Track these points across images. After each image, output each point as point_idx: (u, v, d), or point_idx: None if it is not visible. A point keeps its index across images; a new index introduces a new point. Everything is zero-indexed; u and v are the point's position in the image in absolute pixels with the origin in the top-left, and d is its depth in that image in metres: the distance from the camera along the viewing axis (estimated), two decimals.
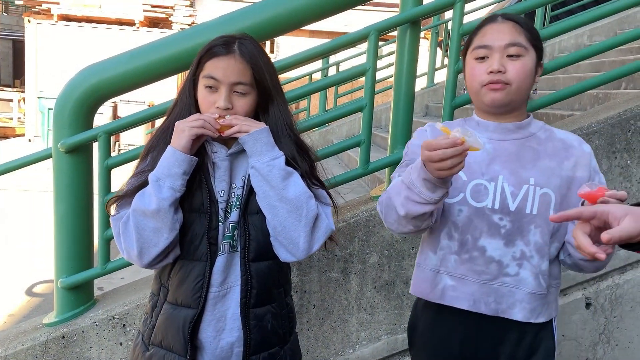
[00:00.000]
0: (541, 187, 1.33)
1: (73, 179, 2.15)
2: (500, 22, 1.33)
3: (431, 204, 1.24)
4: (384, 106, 5.75)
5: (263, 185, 1.33)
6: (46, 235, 5.58)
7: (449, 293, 1.40)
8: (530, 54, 1.31)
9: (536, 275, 1.35)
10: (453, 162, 1.13)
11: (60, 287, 2.20)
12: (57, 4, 12.12)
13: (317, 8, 2.08)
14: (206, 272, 1.35)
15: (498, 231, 1.34)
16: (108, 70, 2.15)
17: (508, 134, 1.37)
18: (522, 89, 1.31)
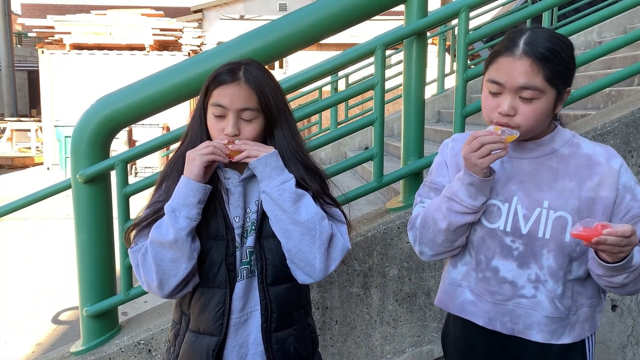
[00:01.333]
0: (555, 211, 1.28)
1: (93, 208, 2.19)
2: (518, 58, 1.21)
3: (472, 213, 1.29)
4: (396, 115, 5.75)
5: (275, 209, 1.34)
6: (69, 262, 5.66)
7: (468, 307, 1.40)
8: (547, 95, 1.22)
9: (552, 299, 1.31)
10: (491, 147, 1.20)
11: (85, 316, 2.23)
12: (68, 33, 12.36)
13: (323, 27, 2.10)
14: (226, 299, 1.37)
15: (511, 253, 1.32)
16: (121, 100, 2.19)
17: (526, 152, 1.33)
18: (533, 130, 1.26)
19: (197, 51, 13.80)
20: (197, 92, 2.18)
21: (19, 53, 28.30)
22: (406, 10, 2.17)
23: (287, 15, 2.15)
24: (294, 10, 2.16)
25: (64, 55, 12.51)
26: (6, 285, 5.00)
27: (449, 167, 1.44)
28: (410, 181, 2.23)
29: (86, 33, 12.40)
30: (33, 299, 4.68)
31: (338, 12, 2.09)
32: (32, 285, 5.06)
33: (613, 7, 2.28)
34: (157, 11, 13.54)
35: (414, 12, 2.14)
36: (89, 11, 13.39)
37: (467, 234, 1.35)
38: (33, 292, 4.85)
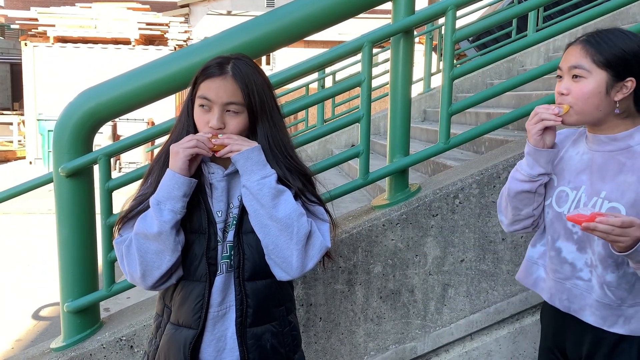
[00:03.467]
0: (610, 201, 1.35)
1: (75, 203, 2.16)
2: (576, 44, 1.37)
3: (529, 182, 1.44)
4: (382, 113, 5.77)
5: (254, 203, 1.35)
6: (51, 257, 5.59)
7: (540, 284, 1.55)
8: (594, 75, 1.33)
9: (601, 284, 1.38)
10: (542, 116, 1.37)
11: (66, 311, 2.20)
12: (52, 26, 12.17)
13: (310, 23, 2.10)
14: (205, 292, 1.38)
15: (572, 236, 1.43)
16: (105, 94, 2.16)
17: (602, 145, 1.41)
18: (586, 110, 1.35)
19: (184, 46, 13.69)
20: (181, 87, 2.18)
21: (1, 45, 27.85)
22: (393, 8, 2.17)
23: (274, 11, 2.14)
24: (281, 6, 2.15)
25: (47, 48, 12.33)
26: None
27: None
28: (395, 179, 2.23)
29: (71, 26, 12.23)
30: (13, 295, 4.62)
31: (325, 8, 2.09)
32: (13, 280, 4.98)
33: (597, 9, 2.30)
34: (144, 5, 13.39)
35: (401, 9, 2.14)
36: (74, 4, 13.21)
37: (533, 206, 1.48)
38: (13, 288, 4.78)
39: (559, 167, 1.49)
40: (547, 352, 1.57)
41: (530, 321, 2.29)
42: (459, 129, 4.08)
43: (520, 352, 2.29)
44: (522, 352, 2.30)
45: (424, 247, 2.20)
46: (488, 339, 2.29)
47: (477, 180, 2.18)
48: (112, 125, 11.26)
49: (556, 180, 1.48)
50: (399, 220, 2.17)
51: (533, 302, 2.25)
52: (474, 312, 2.25)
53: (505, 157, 2.23)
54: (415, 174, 3.71)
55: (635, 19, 5.28)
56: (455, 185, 2.18)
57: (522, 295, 2.25)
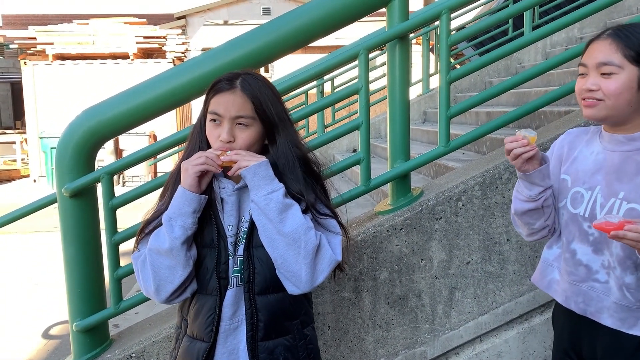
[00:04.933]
0: (629, 202, 1.33)
1: (79, 222, 2.16)
2: (602, 39, 1.34)
3: (530, 201, 1.45)
4: (383, 116, 5.77)
5: (262, 218, 1.36)
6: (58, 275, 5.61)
7: (553, 286, 1.54)
8: (626, 71, 1.30)
9: (620, 286, 1.37)
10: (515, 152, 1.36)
11: (76, 331, 2.21)
12: (51, 44, 12.23)
13: (308, 32, 2.11)
14: (216, 306, 1.40)
15: (587, 238, 1.41)
16: (105, 112, 2.17)
17: (618, 145, 1.39)
18: (618, 105, 1.32)
19: (182, 58, 13.73)
20: (182, 101, 2.20)
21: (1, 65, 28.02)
22: (388, 14, 2.18)
23: (272, 22, 2.15)
24: (279, 16, 2.16)
25: (47, 66, 12.38)
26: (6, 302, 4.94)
27: (553, 157, 1.54)
28: (397, 184, 2.24)
29: (69, 43, 12.28)
30: (23, 314, 4.63)
31: (322, 16, 2.10)
32: (22, 299, 5.00)
33: (593, 5, 2.30)
34: (140, 19, 13.45)
35: (395, 15, 2.15)
36: (71, 21, 13.28)
37: (544, 218, 1.48)
38: (22, 307, 4.79)
39: (573, 168, 1.47)
40: (561, 354, 1.55)
41: (539, 320, 2.28)
42: (459, 129, 4.08)
43: (531, 352, 2.29)
44: (532, 351, 2.29)
45: (429, 251, 2.20)
46: (497, 340, 2.28)
47: (479, 181, 2.18)
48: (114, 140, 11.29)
49: (570, 181, 1.47)
50: (403, 225, 2.17)
51: (541, 301, 2.25)
52: (482, 314, 2.25)
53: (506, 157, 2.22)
54: (417, 176, 3.71)
55: (631, 11, 5.27)
56: (458, 187, 2.18)
57: (529, 295, 2.24)
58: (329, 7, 2.10)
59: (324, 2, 2.10)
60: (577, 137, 1.52)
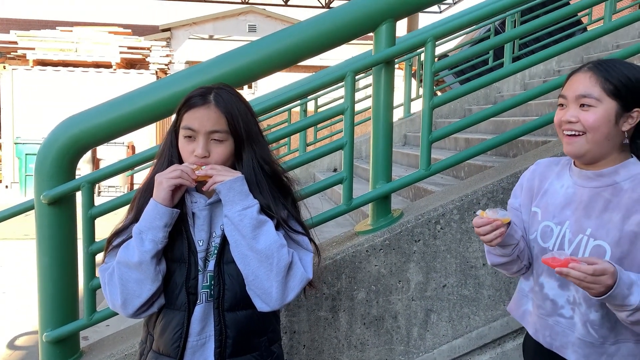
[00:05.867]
0: (595, 239, 1.33)
1: (56, 230, 2.14)
2: (583, 72, 1.35)
3: (504, 256, 1.46)
4: (364, 137, 5.83)
5: (235, 234, 1.36)
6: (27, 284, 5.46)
7: (527, 317, 1.53)
8: (604, 104, 1.31)
9: (584, 322, 1.37)
10: (490, 236, 1.35)
11: (45, 341, 2.16)
12: (32, 49, 12.11)
13: (294, 53, 2.15)
14: (184, 321, 1.39)
15: (554, 273, 1.37)
16: (88, 121, 2.17)
17: (588, 181, 1.39)
18: (597, 139, 1.32)
19: (165, 70, 13.71)
20: (164, 115, 2.20)
21: None
22: (375, 39, 2.23)
23: (262, 39, 2.18)
24: (269, 35, 2.20)
25: (26, 71, 12.24)
26: None
27: (523, 189, 1.55)
28: (378, 204, 2.26)
29: (51, 49, 12.17)
30: None
31: (312, 38, 2.14)
32: None
33: (571, 40, 2.39)
34: (125, 29, 13.41)
35: (382, 40, 2.20)
36: (55, 27, 13.18)
37: (520, 261, 1.48)
38: None
39: (544, 201, 1.47)
40: None
41: (511, 346, 2.31)
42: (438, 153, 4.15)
43: None
44: None
45: (406, 273, 2.22)
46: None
47: (457, 206, 2.22)
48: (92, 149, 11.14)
49: (540, 214, 1.46)
50: (382, 246, 2.19)
51: (514, 326, 2.28)
52: (456, 337, 2.27)
53: (484, 183, 2.27)
54: (396, 198, 3.75)
55: (607, 47, 5.47)
56: (437, 210, 2.22)
57: (503, 320, 2.28)
58: (319, 29, 2.14)
59: (314, 24, 2.14)
60: (547, 168, 1.51)
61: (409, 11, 2.23)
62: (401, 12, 2.21)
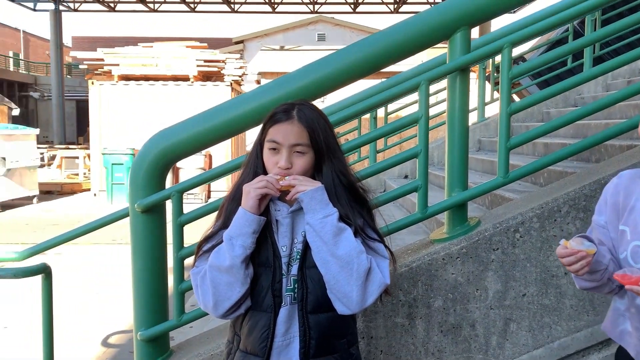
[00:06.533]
0: None
1: (149, 236, 2.30)
2: None
3: (594, 281, 1.41)
4: (435, 143, 5.78)
5: (316, 240, 1.43)
6: (115, 285, 5.84)
7: (626, 337, 1.47)
8: None
9: None
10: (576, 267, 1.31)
11: (139, 339, 2.33)
12: (117, 65, 12.93)
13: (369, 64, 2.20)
14: (271, 322, 1.47)
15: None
16: (176, 135, 2.32)
17: None
18: None
19: (239, 81, 14.18)
20: (246, 127, 2.32)
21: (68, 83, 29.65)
22: (449, 46, 2.24)
23: (340, 51, 2.25)
24: (346, 47, 2.26)
25: (112, 85, 13.07)
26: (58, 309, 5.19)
27: (607, 205, 1.48)
28: (454, 213, 2.26)
29: (133, 65, 12.94)
30: (83, 322, 4.85)
31: (385, 49, 2.18)
32: (82, 308, 5.23)
33: None
34: (201, 43, 14.02)
35: (457, 48, 2.21)
36: (137, 43, 13.99)
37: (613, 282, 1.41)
38: (83, 315, 5.02)
39: (632, 219, 1.39)
40: None
41: (596, 358, 2.23)
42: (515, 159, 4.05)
43: None
44: None
45: (484, 281, 2.21)
46: None
47: (537, 214, 2.18)
48: None
49: (629, 233, 1.38)
50: (459, 254, 2.19)
51: (599, 338, 2.20)
52: (537, 347, 2.23)
53: (566, 190, 2.22)
54: (472, 205, 3.70)
55: None
56: (516, 219, 2.19)
57: (587, 331, 2.21)
58: (395, 38, 2.18)
59: (389, 34, 2.18)
60: (631, 182, 1.42)
61: (484, 18, 2.22)
62: (476, 20, 2.20)
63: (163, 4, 24.51)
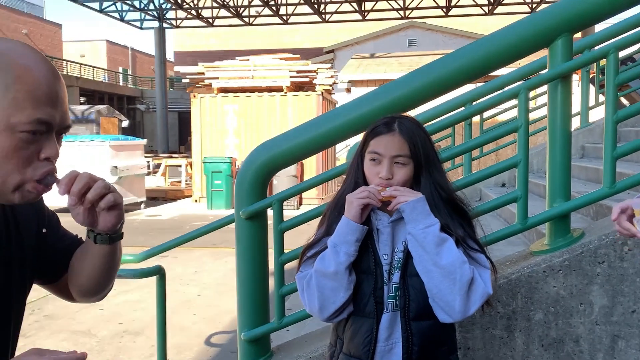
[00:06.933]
0: None
1: (252, 242, 2.45)
2: None
3: None
4: (533, 151, 5.56)
5: (419, 250, 1.47)
6: (217, 287, 6.18)
7: None
8: None
9: None
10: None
11: (243, 340, 2.47)
12: (216, 78, 13.67)
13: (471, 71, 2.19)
14: (373, 328, 1.53)
15: None
16: (278, 146, 2.45)
17: None
18: None
19: (329, 90, 14.43)
20: (345, 138, 2.40)
21: (170, 96, 31.68)
22: (550, 53, 2.19)
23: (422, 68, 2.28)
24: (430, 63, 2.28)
25: (211, 98, 13.81)
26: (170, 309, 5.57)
27: None
28: (556, 224, 2.20)
29: (231, 77, 13.61)
30: (187, 321, 5.17)
31: (481, 59, 2.18)
32: (185, 308, 5.59)
33: None
34: (294, 54, 14.45)
35: (558, 55, 2.15)
36: (233, 56, 14.70)
37: None
38: (186, 315, 5.36)
39: None
40: None
41: None
42: (623, 167, 3.82)
43: None
44: None
45: (589, 296, 2.12)
46: None
47: None
48: None
49: None
50: (561, 266, 2.13)
51: None
52: None
53: None
54: (575, 216, 3.54)
55: None
56: None
57: None
58: (494, 46, 2.17)
59: (488, 43, 2.17)
60: None
61: (586, 24, 2.15)
62: (578, 26, 2.14)
63: (258, 17, 25.52)
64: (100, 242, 1.11)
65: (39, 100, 0.95)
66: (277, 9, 24.29)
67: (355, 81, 16.89)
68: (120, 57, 47.14)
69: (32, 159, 0.98)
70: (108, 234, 1.11)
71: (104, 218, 1.07)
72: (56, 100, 0.98)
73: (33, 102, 0.94)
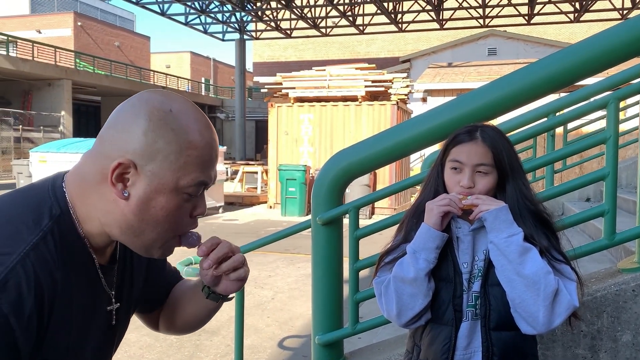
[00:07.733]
0: None
1: (328, 248, 2.49)
2: None
3: None
4: (623, 164, 5.27)
5: (501, 259, 1.45)
6: (290, 292, 6.29)
7: None
8: None
9: None
10: None
11: (317, 343, 2.52)
12: (293, 88, 13.97)
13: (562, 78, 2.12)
14: (452, 336, 1.52)
15: None
16: (355, 155, 2.48)
17: None
18: None
19: (405, 100, 14.33)
20: (419, 148, 2.40)
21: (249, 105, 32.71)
22: None
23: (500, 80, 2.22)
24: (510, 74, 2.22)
25: (288, 107, 14.12)
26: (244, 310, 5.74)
27: None
28: None
29: (307, 87, 13.85)
30: (261, 323, 5.31)
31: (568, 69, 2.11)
32: (259, 311, 5.73)
33: None
34: (369, 64, 14.49)
35: None
36: (311, 67, 14.96)
37: None
38: (260, 317, 5.50)
39: None
40: None
41: None
42: None
43: None
44: None
45: None
46: None
47: None
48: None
49: None
50: None
51: None
52: None
53: None
54: None
55: None
56: None
57: None
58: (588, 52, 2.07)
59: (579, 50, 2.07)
60: None
61: None
62: None
63: (334, 27, 25.85)
64: (211, 300, 1.15)
65: (205, 164, 1.00)
66: (353, 20, 24.49)
67: (432, 90, 16.67)
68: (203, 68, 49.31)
69: (185, 216, 1.02)
70: (221, 296, 1.14)
71: (226, 284, 1.11)
72: (215, 162, 1.04)
73: (200, 166, 0.99)
